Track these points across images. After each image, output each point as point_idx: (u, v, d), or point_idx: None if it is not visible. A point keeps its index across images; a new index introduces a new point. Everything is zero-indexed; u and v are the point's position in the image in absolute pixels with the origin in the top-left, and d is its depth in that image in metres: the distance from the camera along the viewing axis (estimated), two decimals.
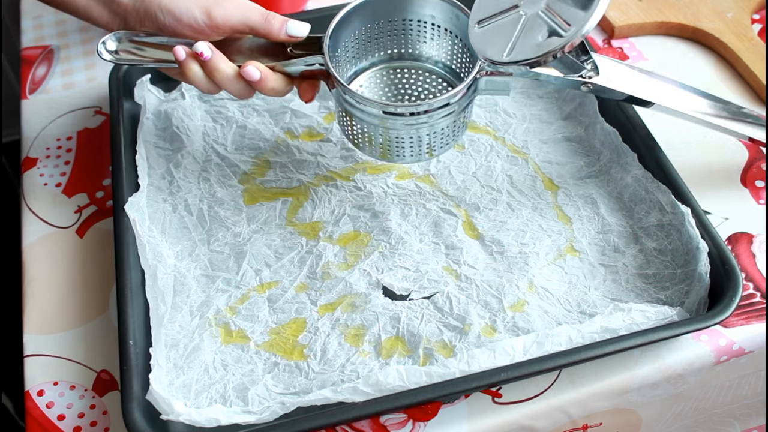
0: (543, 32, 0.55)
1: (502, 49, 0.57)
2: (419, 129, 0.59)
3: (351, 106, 0.59)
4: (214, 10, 0.57)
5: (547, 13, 0.56)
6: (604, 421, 0.60)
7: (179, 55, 0.57)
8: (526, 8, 0.57)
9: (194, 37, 0.59)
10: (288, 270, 0.63)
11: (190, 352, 0.58)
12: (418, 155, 0.61)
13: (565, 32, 0.54)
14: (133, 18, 0.59)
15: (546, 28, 0.55)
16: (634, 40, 0.82)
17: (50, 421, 0.56)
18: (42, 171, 0.72)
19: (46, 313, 0.62)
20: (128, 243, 0.60)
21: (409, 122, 0.58)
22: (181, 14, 0.57)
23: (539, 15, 0.56)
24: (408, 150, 0.61)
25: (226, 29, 0.58)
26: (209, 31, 0.58)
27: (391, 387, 0.52)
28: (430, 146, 0.61)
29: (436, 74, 0.67)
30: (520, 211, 0.66)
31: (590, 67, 0.60)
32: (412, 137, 0.59)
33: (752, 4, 0.82)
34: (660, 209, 0.63)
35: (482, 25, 0.59)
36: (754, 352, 0.60)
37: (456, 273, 0.62)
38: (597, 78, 0.59)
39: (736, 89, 0.77)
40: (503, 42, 0.57)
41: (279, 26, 0.58)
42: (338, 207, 0.66)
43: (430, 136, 0.60)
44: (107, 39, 0.60)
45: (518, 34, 0.57)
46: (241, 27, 0.58)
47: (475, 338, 0.58)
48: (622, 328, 0.55)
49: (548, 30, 0.55)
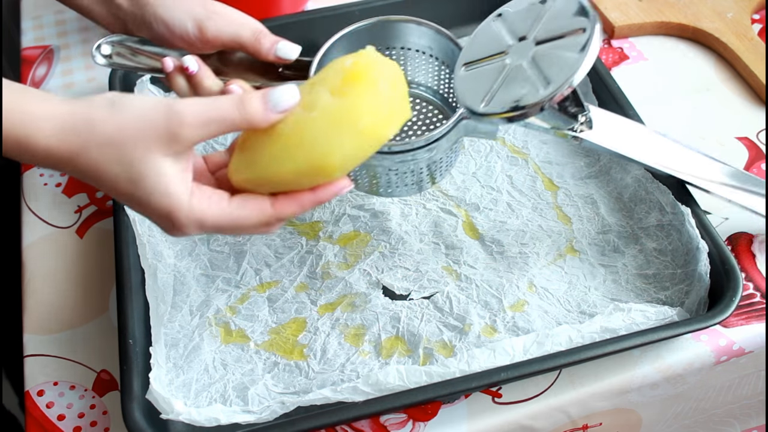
0: (522, 86, 0.52)
1: (481, 98, 0.54)
2: (403, 165, 0.57)
3: None
4: (206, 23, 0.57)
5: (531, 65, 0.53)
6: (604, 421, 0.60)
7: (167, 66, 0.57)
8: (513, 57, 0.54)
9: (185, 48, 0.58)
10: (288, 270, 0.63)
11: (190, 351, 0.58)
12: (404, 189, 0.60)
13: (543, 89, 0.51)
14: (131, 23, 0.59)
15: (526, 83, 0.52)
16: (634, 40, 0.82)
17: (50, 421, 0.56)
18: (42, 171, 0.72)
19: (46, 313, 0.62)
20: (128, 243, 0.60)
21: (389, 159, 0.56)
22: (173, 25, 0.57)
23: (523, 66, 0.53)
24: (393, 185, 0.59)
25: (216, 44, 0.58)
26: (200, 44, 0.58)
27: (391, 387, 0.52)
28: (417, 182, 0.59)
29: (430, 103, 0.66)
30: (520, 211, 0.66)
31: (583, 120, 0.57)
32: (398, 171, 0.58)
33: (752, 4, 0.82)
34: (660, 209, 0.63)
35: (468, 68, 0.57)
36: (754, 352, 0.60)
37: (456, 273, 0.62)
38: (589, 133, 0.57)
39: (736, 89, 0.77)
40: (483, 90, 0.54)
41: (269, 46, 0.57)
42: (338, 207, 0.66)
43: (415, 172, 0.58)
44: (102, 43, 0.60)
45: (498, 85, 0.53)
46: (232, 43, 0.57)
47: (475, 338, 0.58)
48: (622, 328, 0.55)
49: (528, 84, 0.52)
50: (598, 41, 0.50)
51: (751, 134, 0.73)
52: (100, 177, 0.43)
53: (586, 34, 0.50)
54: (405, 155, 0.56)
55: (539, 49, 0.53)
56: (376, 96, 0.46)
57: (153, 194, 0.43)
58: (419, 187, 0.60)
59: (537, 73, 0.52)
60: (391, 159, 0.56)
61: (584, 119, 0.57)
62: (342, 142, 0.45)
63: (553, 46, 0.52)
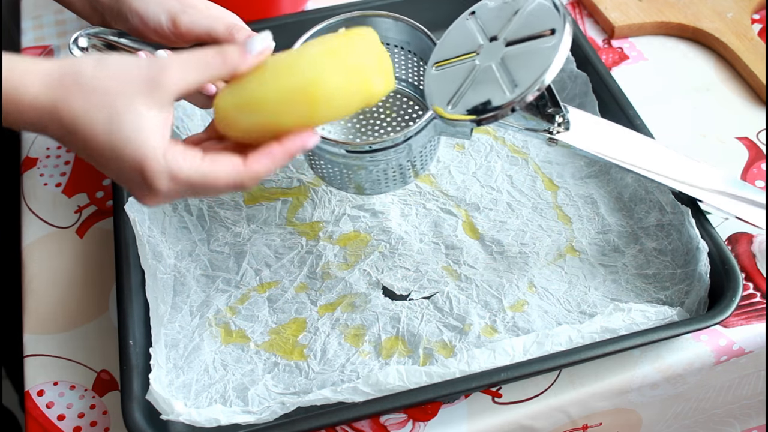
0: (489, 89, 0.51)
1: (448, 99, 0.53)
2: (382, 163, 0.58)
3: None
4: (180, 17, 0.55)
5: (499, 67, 0.51)
6: (604, 421, 0.60)
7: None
8: (483, 57, 0.53)
9: (160, 41, 0.57)
10: (288, 270, 0.63)
11: (190, 352, 0.58)
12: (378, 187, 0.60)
13: (509, 93, 0.50)
14: (109, 15, 0.58)
15: (493, 85, 0.51)
16: (634, 40, 0.82)
17: (50, 421, 0.56)
18: (42, 171, 0.72)
19: (46, 313, 0.62)
20: (128, 243, 0.60)
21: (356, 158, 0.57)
22: (147, 18, 0.56)
23: (492, 68, 0.52)
24: (376, 182, 0.59)
25: (190, 38, 0.56)
26: (174, 38, 0.56)
27: (391, 387, 0.52)
28: (391, 179, 0.60)
29: (410, 98, 0.66)
30: (520, 211, 0.66)
31: (561, 121, 0.56)
32: (379, 168, 0.58)
33: (752, 4, 0.82)
34: (660, 209, 0.63)
35: (439, 68, 0.55)
36: (754, 352, 0.60)
37: (456, 273, 0.62)
38: (565, 135, 0.56)
39: (736, 89, 0.77)
40: (451, 92, 0.53)
41: (242, 41, 0.57)
42: (338, 207, 0.66)
43: (396, 168, 0.58)
44: (79, 36, 0.59)
45: (466, 87, 0.52)
46: (206, 37, 0.56)
47: (475, 338, 0.58)
48: (622, 328, 0.55)
49: (495, 87, 0.50)
50: (568, 43, 0.49)
51: (751, 134, 0.73)
52: (78, 127, 0.44)
53: (556, 36, 0.49)
54: (386, 152, 0.56)
55: (509, 51, 0.52)
56: (368, 46, 0.48)
57: (128, 145, 0.44)
58: (403, 181, 0.61)
59: (505, 75, 0.51)
60: (371, 157, 0.56)
61: (561, 120, 0.56)
62: (330, 72, 0.46)
63: (523, 47, 0.51)
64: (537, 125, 0.56)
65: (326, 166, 0.60)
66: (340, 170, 0.59)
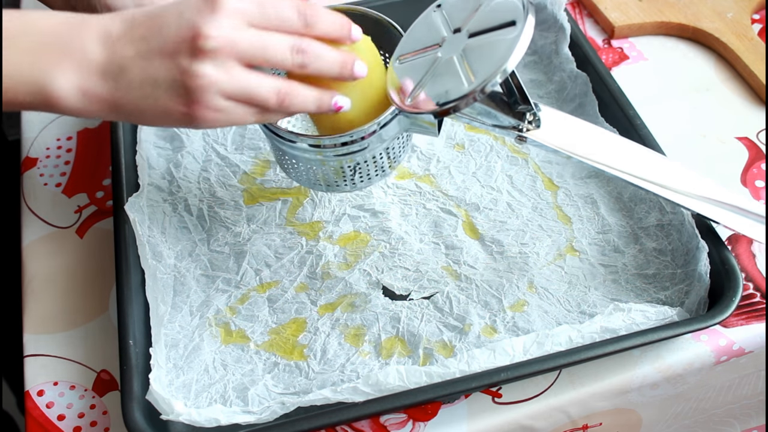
0: (449, 81, 0.50)
1: (408, 93, 0.52)
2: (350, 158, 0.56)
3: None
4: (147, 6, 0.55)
5: (460, 59, 0.50)
6: (604, 421, 0.60)
7: None
8: (445, 50, 0.52)
9: None
10: (288, 270, 0.63)
11: (190, 352, 0.58)
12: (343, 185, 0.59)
13: (467, 84, 0.49)
14: (80, 7, 0.58)
15: (452, 77, 0.50)
16: (634, 40, 0.82)
17: (50, 421, 0.56)
18: (42, 171, 0.72)
19: (46, 313, 0.62)
20: (128, 243, 0.60)
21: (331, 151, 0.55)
22: (115, 7, 0.56)
23: (453, 60, 0.51)
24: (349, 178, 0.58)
25: None
26: None
27: (391, 387, 0.52)
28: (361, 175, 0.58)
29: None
30: (520, 211, 0.66)
31: (531, 118, 0.55)
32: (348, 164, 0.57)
33: (752, 4, 0.82)
34: (660, 209, 0.63)
35: (402, 61, 0.55)
36: (754, 352, 0.60)
37: (456, 273, 0.62)
38: (536, 132, 0.55)
39: (736, 89, 0.77)
40: (412, 85, 0.52)
41: None
42: (338, 207, 0.66)
43: (368, 162, 0.57)
44: None
45: (427, 79, 0.51)
46: None
47: (475, 338, 0.58)
48: (622, 328, 0.55)
49: (454, 79, 0.50)
50: (530, 34, 0.48)
51: (751, 134, 0.73)
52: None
53: (518, 27, 0.48)
54: (350, 146, 0.55)
55: (471, 42, 0.51)
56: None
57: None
58: (380, 175, 0.59)
59: (465, 66, 0.50)
60: (335, 151, 0.55)
61: (532, 117, 0.55)
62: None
63: (484, 38, 0.50)
64: (506, 122, 0.55)
65: (294, 163, 0.59)
66: (306, 167, 0.58)
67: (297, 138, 0.55)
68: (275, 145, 0.58)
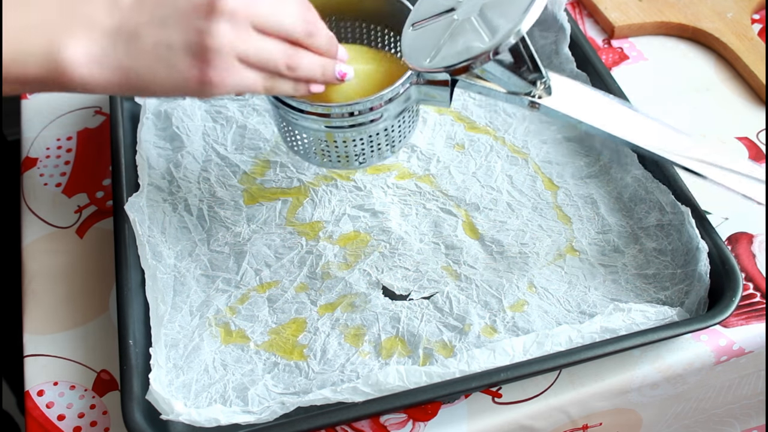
0: (467, 39, 0.52)
1: (427, 55, 0.53)
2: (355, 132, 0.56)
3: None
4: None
5: (478, 18, 0.52)
6: (604, 421, 0.60)
7: None
8: (461, 13, 0.54)
9: None
10: (288, 270, 0.63)
11: (190, 352, 0.58)
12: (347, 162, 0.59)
13: (489, 39, 0.50)
14: None
15: (471, 35, 0.51)
16: (634, 40, 0.82)
17: (50, 421, 0.56)
18: (42, 171, 0.72)
19: (46, 313, 0.62)
20: (128, 243, 0.60)
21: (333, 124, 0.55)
22: None
23: (470, 20, 0.52)
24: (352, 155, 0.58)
25: None
26: None
27: (391, 387, 0.52)
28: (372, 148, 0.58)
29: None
30: (520, 211, 0.66)
31: (542, 87, 0.56)
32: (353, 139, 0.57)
33: (752, 4, 0.82)
34: (660, 209, 0.63)
35: (416, 27, 0.56)
36: (754, 352, 0.60)
37: (456, 273, 0.62)
38: (547, 99, 0.56)
39: (736, 89, 0.77)
40: (430, 47, 0.54)
41: None
42: (338, 207, 0.66)
43: (365, 139, 0.57)
44: None
45: (445, 40, 0.53)
46: None
47: (475, 338, 0.58)
48: (622, 328, 0.55)
49: (472, 37, 0.51)
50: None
51: (751, 134, 0.73)
52: None
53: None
54: (360, 117, 0.55)
55: (488, 2, 0.52)
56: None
57: None
58: (379, 155, 0.59)
59: (484, 24, 0.51)
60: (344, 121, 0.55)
61: (543, 86, 0.56)
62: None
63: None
64: (519, 88, 0.56)
65: (302, 137, 0.59)
66: (312, 139, 0.58)
67: (306, 105, 0.55)
68: (283, 118, 0.58)
